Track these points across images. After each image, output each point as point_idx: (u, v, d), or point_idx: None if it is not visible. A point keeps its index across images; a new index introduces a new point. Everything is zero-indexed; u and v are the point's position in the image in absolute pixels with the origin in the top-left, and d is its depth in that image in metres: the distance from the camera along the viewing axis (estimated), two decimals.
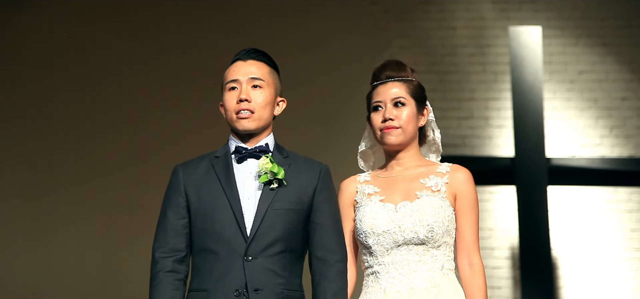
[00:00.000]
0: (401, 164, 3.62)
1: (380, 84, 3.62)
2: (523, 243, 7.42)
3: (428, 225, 3.50)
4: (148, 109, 7.61)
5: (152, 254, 3.37)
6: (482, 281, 3.52)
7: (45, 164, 7.55)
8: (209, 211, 3.36)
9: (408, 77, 3.62)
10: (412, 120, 3.59)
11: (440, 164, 3.62)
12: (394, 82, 3.61)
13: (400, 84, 3.60)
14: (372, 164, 3.75)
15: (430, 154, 3.72)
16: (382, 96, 3.60)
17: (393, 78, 3.61)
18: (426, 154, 3.72)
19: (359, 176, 3.67)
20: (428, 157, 3.71)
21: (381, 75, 3.63)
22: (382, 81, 3.62)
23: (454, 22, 7.99)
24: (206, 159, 3.45)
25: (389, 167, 3.64)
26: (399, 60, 3.67)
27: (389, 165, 3.64)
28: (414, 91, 3.61)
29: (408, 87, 3.60)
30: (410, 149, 3.61)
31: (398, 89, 3.59)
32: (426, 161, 3.65)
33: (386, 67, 3.63)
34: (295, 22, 7.77)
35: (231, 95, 3.44)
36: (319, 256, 3.38)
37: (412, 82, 3.62)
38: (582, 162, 7.79)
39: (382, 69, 3.64)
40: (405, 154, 3.61)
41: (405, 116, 3.57)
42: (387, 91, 3.60)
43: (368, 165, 3.75)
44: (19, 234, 7.52)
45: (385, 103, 3.59)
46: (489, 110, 7.94)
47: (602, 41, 7.95)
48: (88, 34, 7.64)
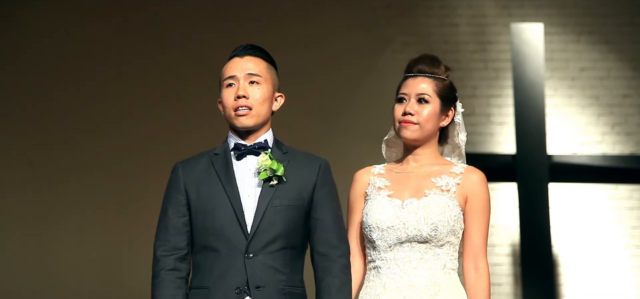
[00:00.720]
0: (417, 160, 3.59)
1: (410, 77, 3.59)
2: (524, 240, 7.42)
3: (432, 223, 3.49)
4: (148, 106, 7.61)
5: (154, 253, 3.37)
6: (486, 285, 3.52)
7: (45, 161, 7.55)
8: (209, 208, 3.35)
9: (439, 75, 3.59)
10: (433, 118, 3.56)
11: (456, 165, 3.58)
12: (423, 77, 3.58)
13: (429, 80, 3.57)
14: (394, 154, 3.71)
15: (453, 156, 3.67)
16: (408, 88, 3.58)
17: (424, 73, 3.58)
18: (449, 155, 3.68)
19: (373, 168, 3.65)
20: (450, 158, 3.66)
21: (413, 68, 3.60)
22: (413, 74, 3.59)
23: (455, 19, 7.98)
24: (206, 157, 3.45)
25: (405, 161, 3.62)
26: (434, 55, 3.63)
27: (405, 159, 3.62)
28: (442, 90, 3.57)
29: (436, 85, 3.57)
30: (428, 146, 3.59)
31: (426, 85, 3.56)
32: (443, 160, 3.62)
33: (420, 61, 3.60)
34: (297, 19, 7.76)
35: (229, 92, 3.43)
36: (321, 251, 3.38)
37: (443, 80, 3.59)
38: (584, 159, 7.79)
39: (416, 62, 3.60)
40: (423, 151, 3.59)
41: (427, 113, 3.55)
42: (415, 85, 3.57)
43: (391, 152, 3.71)
44: (19, 231, 7.52)
45: (409, 96, 3.56)
46: (490, 107, 7.94)
47: (603, 38, 7.94)
48: (88, 31, 7.64)
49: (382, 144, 3.71)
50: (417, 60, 3.61)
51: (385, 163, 3.69)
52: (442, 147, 3.67)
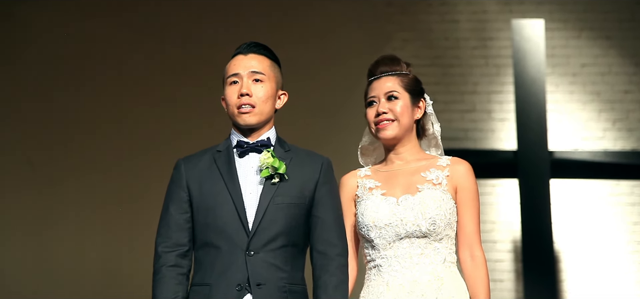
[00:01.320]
0: (401, 158, 3.63)
1: (374, 80, 3.65)
2: (525, 236, 7.42)
3: (430, 218, 3.51)
4: (148, 105, 7.60)
5: (155, 249, 3.38)
6: (484, 273, 3.53)
7: (45, 161, 7.55)
8: (211, 205, 3.36)
9: (402, 71, 3.64)
10: (406, 112, 3.60)
11: (441, 158, 3.63)
12: (387, 77, 3.63)
13: (393, 78, 3.63)
14: (372, 160, 3.76)
15: (431, 148, 3.73)
16: (376, 91, 3.63)
17: (387, 73, 3.64)
18: (426, 148, 3.73)
19: (359, 171, 3.68)
20: (428, 151, 3.72)
21: (375, 71, 3.66)
22: (377, 76, 3.65)
23: (456, 15, 7.98)
24: (208, 154, 3.45)
25: (389, 161, 3.65)
26: (393, 55, 3.70)
27: (388, 159, 3.66)
28: (408, 84, 3.63)
29: (402, 81, 3.62)
30: (408, 142, 3.63)
31: (391, 83, 3.62)
32: (426, 155, 3.66)
33: (380, 63, 3.67)
34: (297, 16, 7.76)
35: (232, 89, 3.44)
36: (320, 249, 3.39)
37: (407, 75, 3.64)
38: (585, 155, 7.79)
39: (376, 64, 3.67)
40: (404, 148, 3.63)
41: (399, 107, 3.60)
42: (381, 86, 3.62)
43: (368, 160, 3.76)
44: (19, 231, 7.52)
45: (379, 98, 3.61)
46: (491, 103, 7.94)
47: (604, 34, 7.94)
48: (88, 30, 7.64)
49: (358, 152, 3.74)
50: (377, 63, 3.67)
51: (368, 166, 3.71)
52: (419, 141, 3.71)
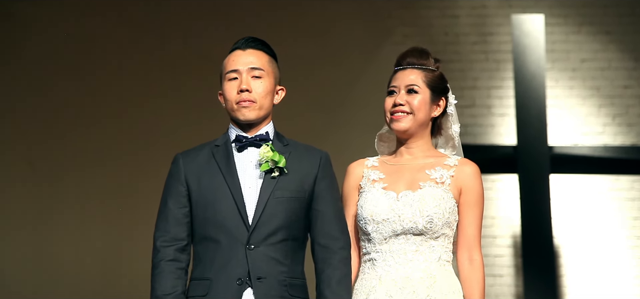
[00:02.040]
0: (411, 152, 3.61)
1: (399, 70, 3.63)
2: (525, 231, 7.43)
3: (427, 216, 3.50)
4: (148, 100, 7.60)
5: (154, 243, 3.37)
6: (480, 276, 3.52)
7: (44, 156, 7.55)
8: (211, 200, 3.36)
9: (428, 66, 3.61)
10: (423, 107, 3.58)
11: (450, 157, 3.61)
12: (412, 69, 3.61)
13: (417, 72, 3.60)
14: (387, 148, 3.73)
15: (447, 147, 3.69)
16: (398, 81, 3.61)
17: (413, 65, 3.62)
18: (443, 147, 3.70)
19: (367, 160, 3.67)
20: (444, 150, 3.68)
21: (402, 61, 3.64)
22: (402, 67, 3.63)
23: (456, 10, 7.98)
24: (206, 148, 3.45)
25: (399, 154, 3.64)
26: (423, 48, 3.66)
27: (398, 152, 3.64)
28: (431, 81, 3.60)
29: (426, 76, 3.60)
30: (420, 138, 3.61)
31: (414, 76, 3.60)
32: (436, 152, 3.64)
33: (408, 54, 3.64)
34: (298, 10, 7.76)
35: (231, 85, 3.44)
36: (322, 243, 3.39)
37: (432, 71, 3.62)
38: (585, 150, 7.79)
39: (405, 55, 3.64)
40: (415, 143, 3.61)
41: (417, 102, 3.57)
42: (404, 77, 3.60)
43: (383, 146, 3.73)
44: (18, 226, 7.52)
45: (399, 88, 3.60)
46: (491, 98, 7.94)
47: (604, 29, 7.93)
48: (88, 26, 7.64)
49: (376, 138, 3.74)
50: (405, 54, 3.65)
51: (378, 156, 3.70)
52: (436, 139, 3.69)
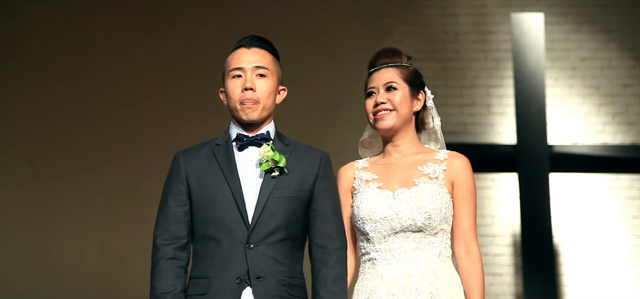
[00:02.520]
0: (399, 150, 3.63)
1: (374, 71, 3.66)
2: (525, 230, 7.42)
3: (426, 212, 3.51)
4: (148, 99, 7.60)
5: (154, 241, 3.37)
6: (479, 268, 3.53)
7: (43, 155, 7.54)
8: (211, 198, 3.36)
9: (402, 63, 3.65)
10: (405, 102, 3.61)
11: (439, 152, 3.64)
12: (387, 68, 3.64)
13: (393, 70, 3.63)
14: (371, 153, 3.76)
15: (430, 142, 3.73)
16: (375, 82, 3.63)
17: (386, 64, 3.65)
18: (426, 142, 3.73)
19: (357, 163, 3.68)
20: (428, 145, 3.72)
21: (376, 62, 3.67)
22: (377, 67, 3.66)
23: (455, 9, 7.97)
24: (207, 147, 3.45)
25: (387, 153, 3.65)
26: (394, 47, 3.71)
27: (386, 151, 3.66)
28: (408, 76, 3.63)
29: (402, 72, 3.63)
30: (406, 134, 3.63)
31: (391, 74, 3.63)
32: (424, 148, 3.67)
33: (380, 55, 3.68)
34: (296, 9, 7.75)
35: (235, 83, 3.43)
36: (319, 243, 3.39)
37: (407, 67, 3.65)
38: (584, 149, 7.78)
39: (377, 56, 3.68)
40: (402, 140, 3.63)
41: (398, 98, 3.60)
42: (380, 77, 3.63)
43: (367, 152, 3.76)
44: (19, 224, 7.51)
45: (378, 89, 3.62)
46: (490, 97, 7.93)
47: (604, 28, 7.93)
48: (88, 25, 7.63)
49: (359, 145, 3.75)
50: (378, 55, 3.68)
51: (366, 158, 3.71)
52: (419, 134, 3.72)
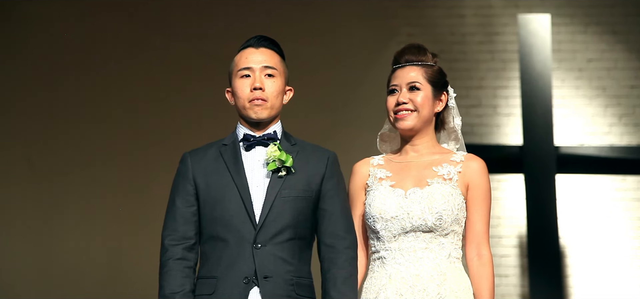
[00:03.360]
0: (416, 149, 3.61)
1: (398, 68, 3.63)
2: (531, 231, 7.41)
3: (437, 213, 3.49)
4: (154, 98, 7.60)
5: (162, 242, 3.38)
6: (489, 272, 3.52)
7: (48, 153, 7.54)
8: (218, 198, 3.36)
9: (427, 62, 3.61)
10: (427, 103, 3.58)
11: (456, 153, 3.61)
12: (411, 66, 3.61)
13: (417, 69, 3.60)
14: (389, 147, 3.73)
15: (449, 141, 3.70)
16: (398, 79, 3.60)
17: (411, 62, 3.61)
18: (445, 141, 3.70)
19: (372, 159, 3.66)
20: (447, 144, 3.69)
21: (400, 59, 3.63)
22: (401, 64, 3.62)
23: (462, 10, 7.97)
24: (214, 147, 3.45)
25: (404, 152, 3.63)
26: (419, 44, 3.66)
27: (403, 149, 3.64)
28: (432, 76, 3.60)
29: (426, 72, 3.60)
30: (425, 134, 3.60)
31: (415, 73, 3.59)
32: (442, 149, 3.64)
33: (405, 51, 3.64)
34: (303, 10, 7.75)
35: (243, 82, 3.44)
36: (328, 243, 3.38)
37: (432, 66, 3.62)
38: (591, 150, 7.77)
39: (402, 53, 3.64)
40: (420, 140, 3.60)
41: (420, 99, 3.57)
42: (404, 75, 3.60)
43: (385, 145, 3.73)
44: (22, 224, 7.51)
45: (400, 87, 3.59)
46: (497, 98, 7.93)
47: (611, 29, 7.92)
48: (95, 24, 7.64)
49: (377, 138, 3.73)
50: (403, 51, 3.64)
51: (383, 154, 3.69)
52: (438, 134, 3.69)
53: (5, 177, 7.52)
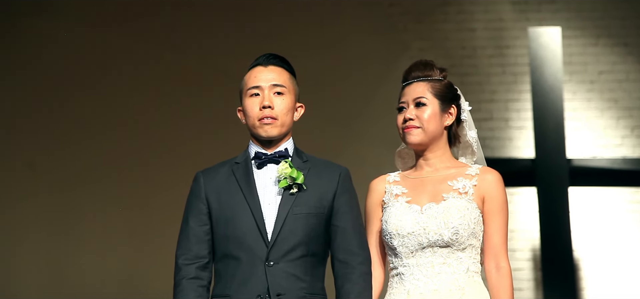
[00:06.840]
0: (430, 164, 3.61)
1: (406, 85, 3.64)
2: (544, 244, 7.40)
3: (453, 227, 3.49)
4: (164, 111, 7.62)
5: (175, 261, 3.39)
6: (508, 283, 3.51)
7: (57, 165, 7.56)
8: (231, 217, 3.37)
9: (433, 77, 3.62)
10: (433, 119, 3.58)
11: (471, 166, 3.61)
12: (418, 82, 3.61)
13: (424, 84, 3.60)
14: (407, 164, 3.73)
15: (467, 155, 3.70)
16: (406, 96, 3.61)
17: (418, 78, 3.62)
18: (462, 155, 3.70)
19: (388, 176, 3.67)
20: (464, 158, 3.69)
21: (408, 76, 3.64)
22: (409, 81, 3.63)
23: (473, 24, 7.97)
24: (226, 166, 3.46)
25: (418, 167, 3.63)
26: (427, 60, 3.66)
27: (418, 165, 3.64)
28: (439, 91, 3.60)
29: (433, 87, 3.60)
30: (437, 149, 3.60)
31: (421, 89, 3.60)
32: (457, 163, 3.63)
33: (413, 68, 3.65)
34: (313, 25, 7.77)
35: (253, 101, 3.44)
36: (342, 259, 3.38)
37: (439, 81, 3.62)
38: (603, 162, 7.75)
39: (410, 70, 3.65)
40: (433, 155, 3.60)
41: (427, 115, 3.57)
42: (411, 91, 3.61)
43: (404, 163, 3.73)
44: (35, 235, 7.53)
45: (408, 103, 3.60)
46: (509, 111, 7.92)
47: (622, 41, 7.91)
48: (105, 37, 7.67)
49: (395, 155, 3.73)
50: (411, 68, 3.65)
51: (399, 171, 3.70)
52: (455, 148, 3.69)
53: (15, 190, 7.54)
